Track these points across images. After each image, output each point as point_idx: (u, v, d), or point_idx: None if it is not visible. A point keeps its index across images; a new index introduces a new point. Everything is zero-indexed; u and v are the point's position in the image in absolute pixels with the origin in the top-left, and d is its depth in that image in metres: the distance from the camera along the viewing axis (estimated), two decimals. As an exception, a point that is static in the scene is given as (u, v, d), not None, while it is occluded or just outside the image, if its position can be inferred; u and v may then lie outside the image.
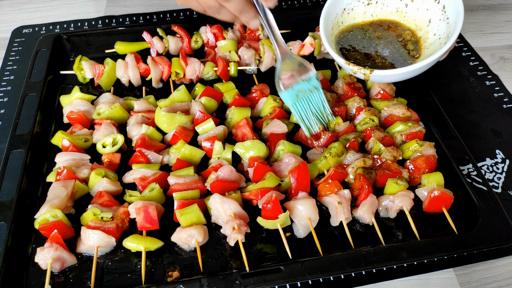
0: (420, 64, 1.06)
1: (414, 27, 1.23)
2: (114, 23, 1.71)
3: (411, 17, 1.22)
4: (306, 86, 1.15)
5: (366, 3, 1.25)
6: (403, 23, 1.24)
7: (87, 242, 1.01)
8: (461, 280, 1.05)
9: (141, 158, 1.17)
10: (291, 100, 1.15)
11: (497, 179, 1.23)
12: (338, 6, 1.26)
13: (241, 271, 0.97)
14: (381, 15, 1.27)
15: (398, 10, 1.23)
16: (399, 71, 1.09)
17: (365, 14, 1.28)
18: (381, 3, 1.24)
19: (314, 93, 1.16)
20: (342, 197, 1.08)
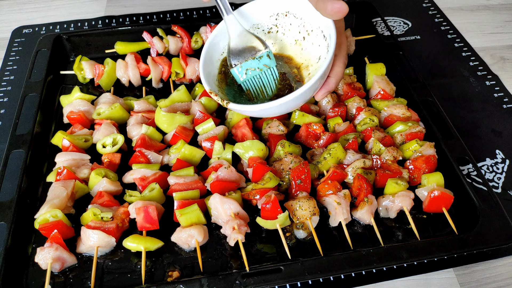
0: (279, 101, 0.97)
1: (307, 62, 1.14)
2: (114, 23, 1.71)
3: (305, 53, 1.14)
4: (256, 64, 1.08)
5: (266, 31, 1.17)
6: (296, 59, 1.16)
7: (87, 242, 1.01)
8: (461, 280, 1.05)
9: (141, 158, 1.17)
10: (241, 78, 1.09)
11: (497, 179, 1.23)
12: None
13: (241, 271, 0.97)
14: (279, 48, 1.18)
15: (297, 42, 1.15)
16: (255, 108, 1.01)
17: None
18: (281, 33, 1.16)
19: (265, 72, 1.09)
20: (342, 197, 1.08)
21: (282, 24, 1.16)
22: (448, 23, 1.74)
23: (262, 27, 1.17)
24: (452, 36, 1.68)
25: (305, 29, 1.13)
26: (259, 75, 1.09)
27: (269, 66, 1.09)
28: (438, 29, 1.72)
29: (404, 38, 1.68)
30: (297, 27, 1.14)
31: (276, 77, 1.10)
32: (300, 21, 1.14)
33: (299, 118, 1.27)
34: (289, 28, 1.16)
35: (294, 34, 1.16)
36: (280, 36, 1.18)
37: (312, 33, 1.12)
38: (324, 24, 1.07)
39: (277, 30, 1.17)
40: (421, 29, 1.72)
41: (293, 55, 1.17)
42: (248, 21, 1.16)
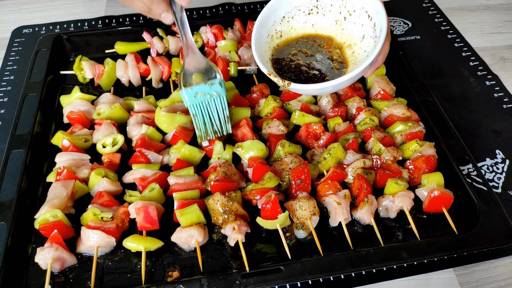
0: (336, 81, 1.04)
1: (349, 42, 1.19)
2: (114, 23, 1.71)
3: (347, 33, 1.19)
4: (207, 89, 1.11)
5: (307, 13, 1.21)
6: (337, 39, 1.21)
7: (87, 242, 1.01)
8: (461, 280, 1.05)
9: (141, 158, 1.17)
10: (189, 100, 1.11)
11: (497, 179, 1.23)
12: (277, 14, 1.21)
13: (241, 271, 0.97)
14: (319, 28, 1.23)
15: (337, 22, 1.20)
16: (315, 86, 1.07)
17: (305, 24, 1.23)
18: (321, 14, 1.21)
19: (215, 99, 1.12)
20: (342, 197, 1.08)
21: (322, 5, 1.19)
22: (448, 23, 1.74)
23: (303, 9, 1.21)
24: (452, 36, 1.68)
25: (347, 10, 1.17)
26: (207, 101, 1.12)
27: (219, 94, 1.12)
28: (438, 29, 1.72)
29: (404, 38, 1.68)
30: (338, 8, 1.18)
31: (224, 107, 1.14)
32: (341, 2, 1.18)
33: (299, 118, 1.27)
34: (330, 9, 1.19)
35: (335, 14, 1.19)
36: (320, 17, 1.21)
37: (354, 13, 1.16)
38: (369, 3, 1.11)
39: (317, 11, 1.20)
40: (421, 29, 1.72)
41: (333, 36, 1.21)
42: (289, 3, 1.20)
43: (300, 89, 1.10)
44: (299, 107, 1.29)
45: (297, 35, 1.23)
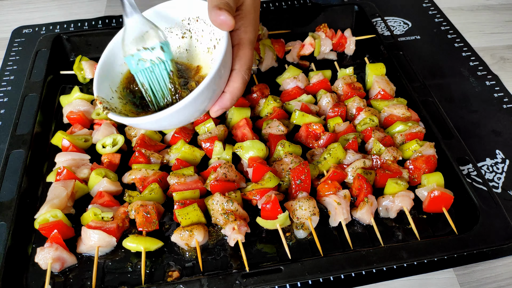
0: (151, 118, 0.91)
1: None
2: (114, 23, 1.71)
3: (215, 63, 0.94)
4: (148, 55, 0.98)
5: (180, 36, 1.10)
6: (205, 70, 1.08)
7: (87, 242, 1.01)
8: (461, 280, 1.05)
9: (141, 158, 1.17)
10: (133, 68, 1.00)
11: (497, 179, 1.23)
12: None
13: (241, 271, 0.97)
14: (191, 55, 1.10)
15: (209, 51, 1.07)
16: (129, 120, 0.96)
17: (179, 48, 1.11)
18: (195, 39, 1.08)
19: (158, 65, 0.99)
20: (342, 197, 1.08)
21: (195, 29, 1.08)
22: (448, 23, 1.74)
23: (176, 31, 1.10)
24: (452, 36, 1.68)
25: (215, 37, 1.04)
26: (151, 69, 0.99)
27: (162, 59, 0.98)
28: (438, 29, 1.72)
29: (404, 38, 1.68)
30: (208, 34, 1.06)
31: (169, 71, 1.00)
32: (210, 28, 1.06)
33: (299, 118, 1.27)
34: (202, 35, 1.08)
35: (207, 41, 1.07)
36: (194, 42, 1.10)
37: (221, 42, 0.99)
38: (221, 34, 0.97)
39: (190, 35, 1.09)
40: (421, 29, 1.72)
41: (203, 65, 1.08)
42: (160, 24, 1.07)
43: (115, 119, 0.97)
44: (299, 107, 1.29)
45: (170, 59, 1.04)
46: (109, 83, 1.06)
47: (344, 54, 1.56)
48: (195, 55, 1.10)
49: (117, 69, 1.09)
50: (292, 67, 1.43)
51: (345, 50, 1.56)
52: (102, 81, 1.05)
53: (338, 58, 1.54)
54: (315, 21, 1.61)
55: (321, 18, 1.61)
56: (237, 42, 0.99)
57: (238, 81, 0.97)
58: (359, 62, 1.54)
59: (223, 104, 0.98)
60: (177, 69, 1.04)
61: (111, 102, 1.03)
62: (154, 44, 0.98)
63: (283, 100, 1.34)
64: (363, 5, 1.63)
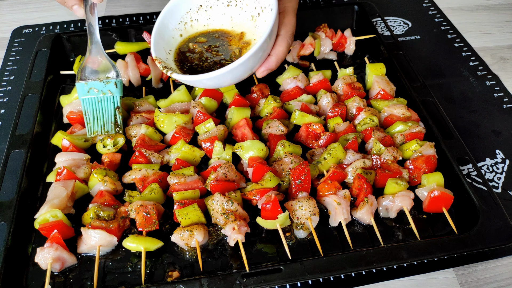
0: (214, 73, 1.02)
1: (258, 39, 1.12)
2: (114, 23, 1.71)
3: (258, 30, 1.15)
4: (101, 86, 1.15)
5: (226, 4, 1.19)
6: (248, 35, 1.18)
7: (88, 242, 1.01)
8: (461, 280, 1.05)
9: (141, 158, 1.17)
10: (81, 94, 1.15)
11: (497, 179, 1.23)
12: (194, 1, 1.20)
13: (241, 271, 0.97)
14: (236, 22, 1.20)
15: (253, 18, 1.16)
16: (194, 78, 1.05)
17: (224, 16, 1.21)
18: (240, 7, 1.18)
19: (107, 97, 1.17)
20: (342, 197, 1.08)
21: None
22: (448, 23, 1.74)
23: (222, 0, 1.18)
24: (452, 36, 1.68)
25: (260, 5, 1.13)
26: (100, 99, 1.16)
27: (112, 93, 1.16)
28: (438, 29, 1.72)
29: (404, 38, 1.68)
30: (253, 2, 1.15)
31: (116, 106, 1.17)
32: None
33: (299, 118, 1.27)
34: (247, 3, 1.16)
35: (251, 9, 1.15)
36: (238, 10, 1.18)
37: (265, 10, 1.11)
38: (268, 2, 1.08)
39: (235, 3, 1.17)
40: (421, 29, 1.72)
41: (246, 32, 1.17)
42: None
43: (180, 79, 1.09)
44: (299, 107, 1.29)
45: (211, 29, 1.22)
46: (164, 45, 1.17)
47: (344, 54, 1.57)
48: (239, 22, 1.19)
49: (170, 33, 1.20)
50: (292, 67, 1.43)
51: (345, 50, 1.56)
52: (158, 43, 1.15)
53: (338, 58, 1.54)
54: (315, 21, 1.61)
55: (321, 18, 1.61)
56: (282, 10, 1.09)
57: (283, 45, 1.07)
58: (359, 62, 1.54)
59: (269, 66, 1.08)
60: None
61: (166, 63, 1.13)
62: (110, 80, 1.16)
63: (283, 100, 1.34)
64: (363, 5, 1.63)
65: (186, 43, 1.20)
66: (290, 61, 1.52)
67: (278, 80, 1.44)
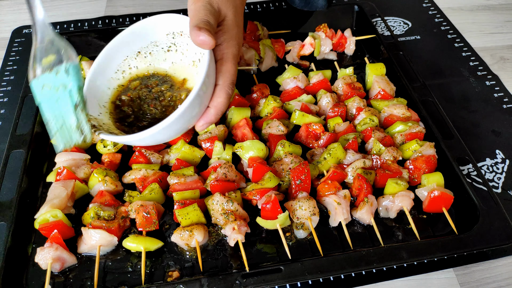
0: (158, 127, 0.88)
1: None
2: (114, 23, 1.71)
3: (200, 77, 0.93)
4: (52, 79, 0.86)
5: (166, 49, 1.09)
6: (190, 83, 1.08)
7: (89, 242, 1.01)
8: (461, 280, 1.05)
9: (141, 158, 1.17)
10: (38, 95, 0.89)
11: (497, 179, 1.23)
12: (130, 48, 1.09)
13: (241, 271, 0.97)
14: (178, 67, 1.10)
15: (194, 64, 1.07)
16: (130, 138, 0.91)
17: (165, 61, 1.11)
18: (180, 52, 1.08)
19: (62, 93, 0.87)
20: (342, 197, 1.08)
21: (179, 43, 1.08)
22: (448, 23, 1.74)
23: (161, 45, 1.09)
24: (452, 36, 1.68)
25: (200, 51, 1.02)
26: (57, 96, 0.88)
27: (66, 85, 0.87)
28: (438, 29, 1.72)
29: (404, 38, 1.68)
30: (193, 48, 1.05)
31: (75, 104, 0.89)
32: None
33: (299, 118, 1.27)
34: (187, 48, 1.07)
35: (191, 54, 1.07)
36: (179, 55, 1.10)
37: (203, 58, 0.97)
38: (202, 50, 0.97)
39: (176, 49, 1.09)
40: (421, 29, 1.72)
41: (188, 78, 1.08)
42: (146, 38, 1.09)
43: (108, 139, 0.94)
44: (299, 107, 1.29)
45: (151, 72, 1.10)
46: (97, 99, 1.03)
47: (344, 54, 1.57)
48: (181, 68, 1.10)
49: (106, 84, 1.07)
50: (292, 67, 1.43)
51: (345, 50, 1.56)
52: (90, 100, 0.98)
53: (338, 58, 1.54)
54: (315, 21, 1.61)
55: (321, 18, 1.61)
56: (220, 57, 0.99)
57: (222, 96, 0.97)
58: (359, 62, 1.54)
59: (208, 119, 0.98)
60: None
61: (99, 119, 0.99)
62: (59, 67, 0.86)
63: (283, 100, 1.34)
64: (363, 5, 1.63)
65: (123, 93, 1.07)
66: (290, 61, 1.52)
67: (278, 80, 1.44)
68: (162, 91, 1.06)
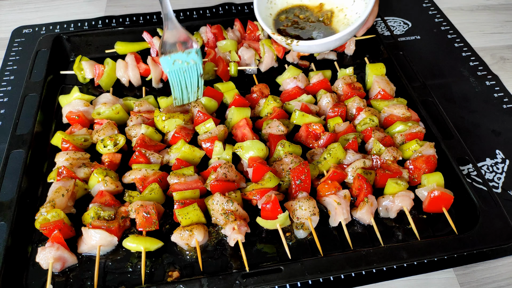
0: (338, 35, 1.25)
1: (341, 6, 1.43)
2: (114, 23, 1.71)
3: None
4: (184, 57, 1.22)
5: None
6: (328, 5, 1.44)
7: (89, 242, 1.01)
8: (461, 280, 1.05)
9: (141, 158, 1.17)
10: (168, 67, 1.22)
11: (497, 179, 1.23)
12: None
13: (241, 271, 0.97)
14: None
15: None
16: (321, 41, 1.27)
17: None
18: None
19: (191, 67, 1.24)
20: (342, 197, 1.08)
21: None
22: (448, 23, 1.74)
23: None
24: (452, 36, 1.68)
25: None
26: (185, 69, 1.23)
27: (195, 61, 1.23)
28: (438, 29, 1.72)
29: (404, 38, 1.68)
30: None
31: (200, 74, 1.26)
32: None
33: (299, 118, 1.27)
34: None
35: None
36: None
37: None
38: None
39: None
40: (421, 29, 1.72)
41: (325, 2, 1.45)
42: None
43: (307, 45, 1.29)
44: (299, 107, 1.29)
45: (291, 5, 1.47)
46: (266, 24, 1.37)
47: (344, 54, 1.56)
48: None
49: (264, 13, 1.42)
50: (292, 67, 1.43)
51: (345, 50, 1.56)
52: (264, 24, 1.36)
53: (338, 58, 1.54)
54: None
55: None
56: None
57: (376, 4, 1.35)
58: (359, 62, 1.54)
59: (369, 25, 1.42)
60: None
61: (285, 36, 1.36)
62: (190, 50, 1.23)
63: (283, 100, 1.34)
64: (363, 5, 1.63)
65: (276, 19, 1.44)
66: (290, 61, 1.52)
67: (278, 80, 1.44)
68: (307, 16, 1.43)
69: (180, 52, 1.22)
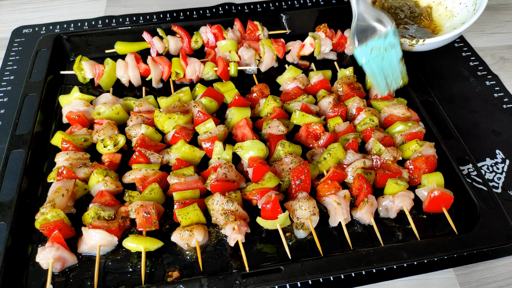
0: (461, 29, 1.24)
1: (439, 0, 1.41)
2: (114, 23, 1.71)
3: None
4: (381, 43, 1.10)
5: None
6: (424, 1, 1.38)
7: (89, 242, 1.01)
8: (461, 280, 1.05)
9: (141, 158, 1.17)
10: (365, 57, 1.12)
11: (497, 179, 1.23)
12: None
13: (241, 271, 0.97)
14: None
15: None
16: (442, 38, 1.23)
17: None
18: None
19: (389, 51, 1.12)
20: (341, 197, 1.08)
21: None
22: (448, 23, 1.74)
23: None
24: (452, 36, 1.68)
25: None
26: (382, 56, 1.12)
27: (394, 44, 1.11)
28: (438, 29, 1.72)
29: (404, 38, 1.68)
30: None
31: (399, 57, 1.13)
32: None
33: (299, 118, 1.27)
34: None
35: None
36: None
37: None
38: None
39: None
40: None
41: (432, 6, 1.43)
42: None
43: (432, 42, 1.25)
44: (299, 107, 1.29)
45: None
46: None
47: (344, 54, 1.56)
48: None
49: None
50: (292, 67, 1.43)
51: (345, 50, 1.56)
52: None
53: (338, 58, 1.54)
54: (315, 21, 1.61)
55: (321, 18, 1.61)
56: None
57: None
58: (359, 62, 1.54)
59: None
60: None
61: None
62: (386, 31, 1.09)
63: (283, 100, 1.34)
64: (363, 5, 1.63)
65: None
66: (290, 61, 1.52)
67: (278, 80, 1.44)
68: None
69: (376, 38, 1.10)
